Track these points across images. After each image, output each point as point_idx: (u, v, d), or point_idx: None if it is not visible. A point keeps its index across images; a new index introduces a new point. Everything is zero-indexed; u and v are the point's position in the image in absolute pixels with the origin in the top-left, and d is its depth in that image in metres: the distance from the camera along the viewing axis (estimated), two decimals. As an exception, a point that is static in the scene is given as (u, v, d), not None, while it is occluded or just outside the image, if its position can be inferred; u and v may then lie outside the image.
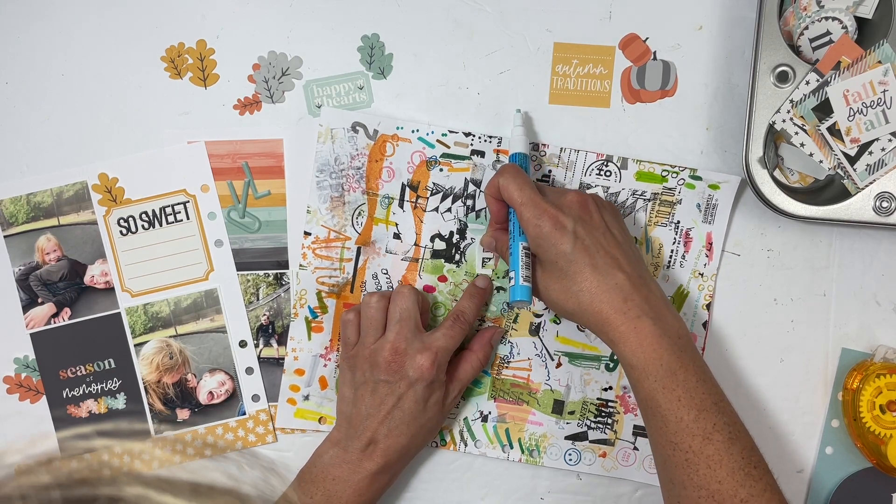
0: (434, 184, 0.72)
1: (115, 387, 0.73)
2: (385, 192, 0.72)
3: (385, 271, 0.73)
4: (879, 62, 0.65)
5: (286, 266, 0.73)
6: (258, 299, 0.73)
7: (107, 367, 0.73)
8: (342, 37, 0.73)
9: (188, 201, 0.73)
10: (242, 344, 0.73)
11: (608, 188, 0.72)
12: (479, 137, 0.72)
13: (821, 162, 0.67)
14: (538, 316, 0.73)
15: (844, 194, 0.68)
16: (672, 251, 0.72)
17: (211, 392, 0.74)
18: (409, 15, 0.73)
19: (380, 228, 0.72)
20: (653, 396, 0.61)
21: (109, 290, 0.73)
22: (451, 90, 0.73)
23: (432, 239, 0.73)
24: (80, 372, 0.73)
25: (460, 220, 0.72)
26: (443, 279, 0.73)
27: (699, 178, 0.72)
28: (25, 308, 0.73)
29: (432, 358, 0.66)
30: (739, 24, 0.72)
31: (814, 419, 0.73)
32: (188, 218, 0.73)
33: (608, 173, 0.72)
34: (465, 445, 0.73)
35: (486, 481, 0.74)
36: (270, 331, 0.73)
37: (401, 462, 0.69)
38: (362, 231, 0.72)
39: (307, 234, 0.72)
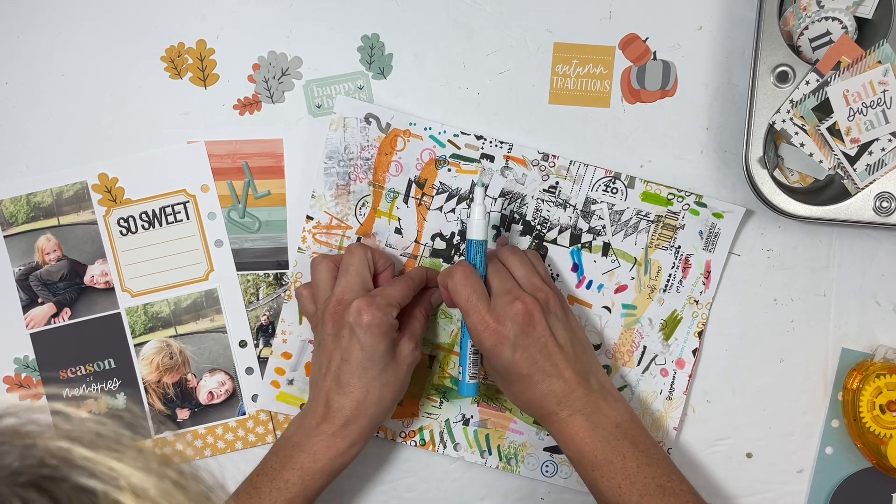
0: (441, 183, 0.72)
1: (115, 387, 0.73)
2: (391, 186, 0.72)
3: None
4: (879, 62, 0.65)
5: (286, 266, 0.73)
6: (258, 299, 0.73)
7: (107, 367, 0.73)
8: (342, 37, 0.73)
9: (188, 201, 0.73)
10: (242, 344, 0.74)
11: (613, 205, 0.72)
12: (491, 142, 0.72)
13: (821, 162, 0.67)
14: None
15: (844, 194, 0.68)
16: (670, 275, 0.72)
17: (211, 392, 0.74)
18: (409, 15, 0.73)
19: (382, 221, 0.72)
20: (595, 485, 0.63)
21: (109, 290, 0.73)
22: (451, 90, 0.73)
23: (433, 238, 0.73)
24: (80, 372, 0.73)
25: (463, 223, 0.72)
26: None
27: (704, 206, 0.71)
28: (25, 308, 0.73)
29: (369, 300, 0.64)
30: (739, 24, 0.72)
31: (814, 419, 0.73)
32: (188, 218, 0.73)
33: (615, 190, 0.72)
34: (444, 447, 0.73)
35: (487, 482, 0.74)
36: (270, 331, 0.73)
37: (359, 422, 0.65)
38: (364, 221, 0.72)
39: (309, 217, 0.72)
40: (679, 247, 0.72)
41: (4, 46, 0.73)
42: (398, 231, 0.72)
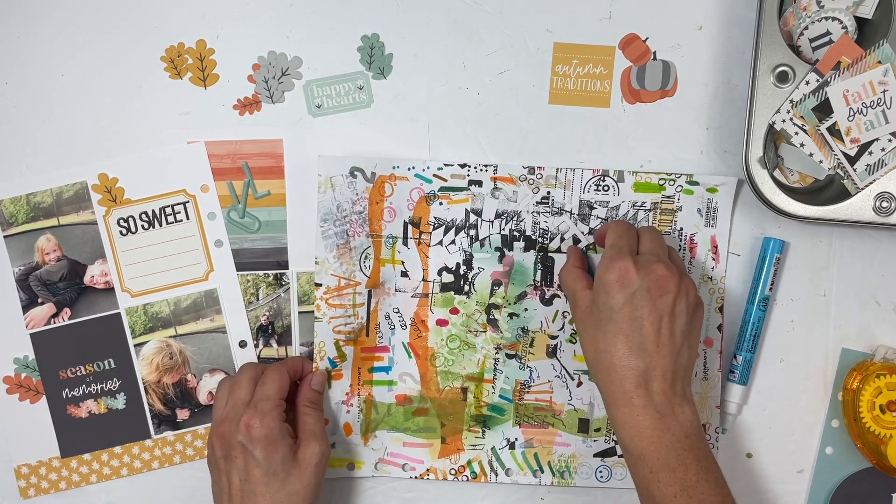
0: (435, 218, 0.72)
1: (115, 387, 0.73)
2: (388, 233, 0.72)
3: (396, 310, 0.72)
4: (879, 62, 0.65)
5: (286, 266, 0.73)
6: (258, 299, 0.73)
7: (107, 367, 0.73)
8: (342, 37, 0.73)
9: (188, 201, 0.73)
10: (242, 344, 0.74)
11: (608, 202, 0.72)
12: (475, 167, 0.72)
13: (821, 162, 0.67)
14: (553, 338, 0.72)
15: (844, 194, 0.68)
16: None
17: (211, 392, 0.74)
18: (409, 15, 0.73)
19: (387, 269, 0.72)
20: (647, 486, 0.61)
21: (109, 290, 0.73)
22: (451, 90, 0.73)
23: (439, 272, 0.72)
24: (80, 372, 0.73)
25: (465, 251, 0.72)
26: (454, 311, 0.72)
27: (696, 184, 0.71)
28: (25, 308, 0.73)
29: (251, 411, 0.64)
30: (739, 24, 0.72)
31: (814, 419, 0.73)
32: (188, 218, 0.73)
33: (606, 188, 0.72)
34: (496, 475, 0.72)
35: (486, 482, 0.74)
36: (270, 331, 0.73)
37: None
38: (371, 274, 0.72)
39: (318, 285, 0.72)
40: (681, 229, 0.72)
41: (4, 46, 0.73)
42: (404, 274, 0.72)
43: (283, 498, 0.63)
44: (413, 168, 0.72)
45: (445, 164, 0.72)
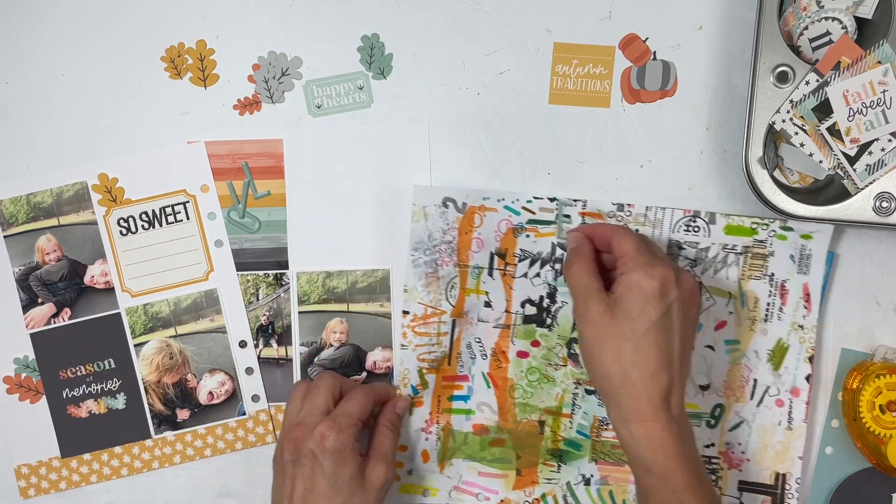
0: (521, 250, 0.72)
1: (115, 387, 0.73)
2: (475, 263, 0.72)
3: (478, 340, 0.72)
4: (879, 62, 0.65)
5: (286, 266, 0.73)
6: (258, 299, 0.73)
7: (107, 367, 0.73)
8: (342, 37, 0.73)
9: (188, 201, 0.73)
10: (242, 344, 0.74)
11: (697, 244, 0.71)
12: (564, 202, 0.71)
13: (821, 162, 0.67)
14: None
15: (844, 194, 0.68)
16: (769, 304, 0.71)
17: (211, 392, 0.74)
18: (409, 15, 0.73)
19: (471, 298, 0.72)
20: None
21: (109, 290, 0.73)
22: (451, 90, 0.73)
23: (523, 305, 0.72)
24: (80, 372, 0.73)
25: (549, 285, 0.72)
26: (535, 344, 0.72)
27: (790, 229, 0.70)
28: (25, 308, 0.73)
29: (330, 422, 0.64)
30: (739, 24, 0.72)
31: (814, 419, 0.73)
32: (188, 218, 0.73)
33: (696, 229, 0.71)
34: None
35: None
36: (270, 331, 0.73)
37: None
38: (456, 303, 0.72)
39: (405, 312, 0.72)
40: (773, 274, 0.71)
41: (4, 46, 0.73)
42: (488, 304, 0.72)
43: None
44: (502, 200, 0.72)
45: (535, 198, 0.72)
